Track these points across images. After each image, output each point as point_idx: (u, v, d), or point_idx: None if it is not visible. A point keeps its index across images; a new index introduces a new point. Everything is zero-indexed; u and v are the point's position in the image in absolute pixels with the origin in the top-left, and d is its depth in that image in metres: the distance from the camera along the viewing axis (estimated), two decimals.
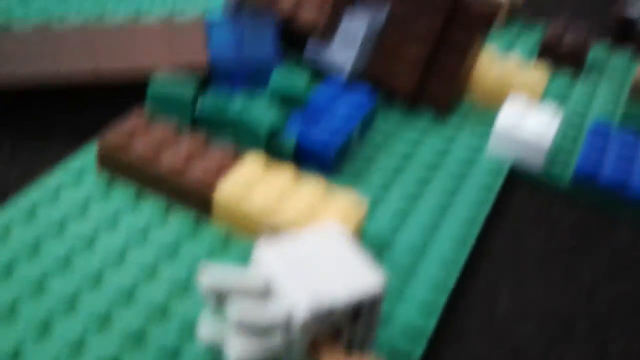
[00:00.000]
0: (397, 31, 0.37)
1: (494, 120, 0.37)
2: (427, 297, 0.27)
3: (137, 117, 0.31)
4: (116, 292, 0.25)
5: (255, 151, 0.31)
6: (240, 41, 0.36)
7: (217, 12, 0.41)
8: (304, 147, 0.32)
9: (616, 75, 0.43)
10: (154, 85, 0.32)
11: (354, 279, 0.23)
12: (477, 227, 0.31)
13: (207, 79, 0.35)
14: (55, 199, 0.29)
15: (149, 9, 0.42)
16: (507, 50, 0.44)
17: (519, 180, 0.35)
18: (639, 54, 0.45)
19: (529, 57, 0.43)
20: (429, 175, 0.33)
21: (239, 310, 0.22)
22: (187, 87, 0.32)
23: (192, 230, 0.28)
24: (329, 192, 0.29)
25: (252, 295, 0.23)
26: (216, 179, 0.29)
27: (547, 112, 0.36)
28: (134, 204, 0.29)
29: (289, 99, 0.33)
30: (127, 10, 0.42)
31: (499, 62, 0.40)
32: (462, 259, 0.30)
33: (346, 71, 0.37)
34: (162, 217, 0.29)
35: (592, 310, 0.29)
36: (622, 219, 0.34)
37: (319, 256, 0.24)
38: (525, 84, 0.38)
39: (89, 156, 0.31)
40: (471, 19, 0.37)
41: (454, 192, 0.33)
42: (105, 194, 0.29)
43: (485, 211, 0.32)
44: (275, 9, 0.37)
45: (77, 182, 0.30)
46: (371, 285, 0.23)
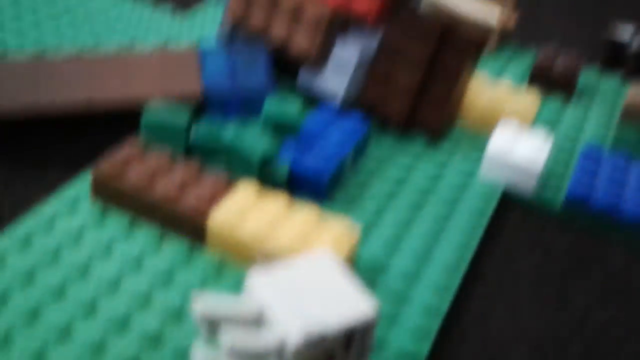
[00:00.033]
0: (389, 58, 0.37)
1: (486, 145, 0.38)
2: (420, 323, 0.28)
3: (131, 146, 0.31)
4: (110, 321, 0.26)
5: (248, 179, 0.31)
6: (233, 70, 0.36)
7: (211, 40, 0.42)
8: (297, 174, 0.32)
9: (607, 99, 0.44)
10: (147, 114, 0.32)
11: (346, 305, 0.23)
12: (470, 251, 0.31)
13: (201, 108, 0.35)
14: (50, 227, 0.29)
15: (144, 37, 0.43)
16: (498, 75, 0.44)
17: (511, 204, 0.35)
18: (629, 77, 0.46)
19: (520, 82, 0.44)
20: (421, 200, 0.34)
21: (232, 338, 0.22)
22: (181, 116, 0.32)
23: (186, 257, 0.28)
24: (322, 219, 0.29)
25: (245, 323, 0.23)
26: (209, 207, 0.29)
27: (539, 136, 0.36)
28: (128, 232, 0.29)
29: (282, 127, 0.33)
30: (122, 39, 0.42)
31: (491, 87, 0.40)
32: (455, 283, 0.30)
33: (339, 98, 0.37)
34: (156, 245, 0.29)
35: (585, 334, 0.29)
36: (614, 242, 0.34)
37: (312, 283, 0.24)
38: (516, 109, 0.39)
39: (83, 185, 0.31)
40: (461, 45, 0.37)
41: (447, 217, 0.33)
42: (99, 223, 0.29)
43: (478, 236, 0.32)
44: (267, 37, 0.38)
45: (71, 211, 0.30)
46: (363, 311, 0.23)
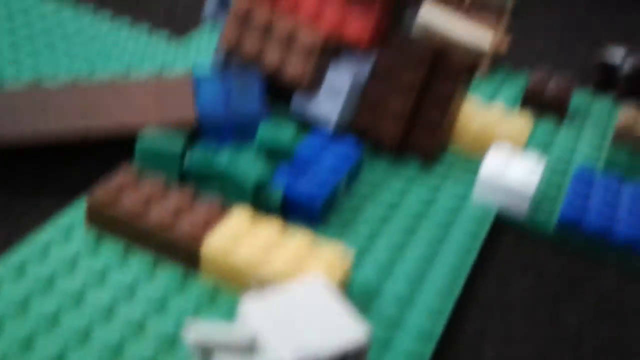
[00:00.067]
0: (381, 83, 0.38)
1: (479, 168, 0.38)
2: (414, 347, 0.28)
3: (126, 173, 0.31)
4: (104, 349, 0.26)
5: (242, 204, 0.32)
6: (227, 96, 0.36)
7: (206, 66, 0.42)
8: (290, 199, 0.32)
9: (599, 121, 0.44)
10: (142, 141, 0.32)
11: (339, 330, 0.23)
12: (464, 275, 0.31)
13: (196, 134, 0.35)
14: (44, 255, 0.29)
15: (140, 64, 0.43)
16: (491, 98, 0.45)
17: (504, 227, 0.35)
18: (621, 99, 0.46)
19: (512, 105, 0.44)
20: (415, 224, 0.34)
21: None
22: (175, 143, 0.32)
23: (180, 284, 0.29)
24: (315, 244, 0.29)
25: (239, 349, 0.23)
26: (203, 233, 0.29)
27: (531, 159, 0.36)
28: (122, 260, 0.29)
29: (275, 152, 0.34)
30: (118, 66, 0.43)
31: (483, 111, 0.40)
32: (448, 307, 0.30)
33: (332, 123, 0.37)
34: (150, 272, 0.29)
35: (578, 356, 0.29)
36: (607, 264, 0.34)
37: (304, 309, 0.24)
38: (508, 132, 0.39)
39: (78, 212, 0.31)
40: (453, 69, 0.37)
41: (440, 240, 0.33)
42: (94, 250, 0.30)
43: (471, 259, 0.32)
44: (261, 63, 0.38)
45: (66, 239, 0.30)
46: (355, 336, 0.23)
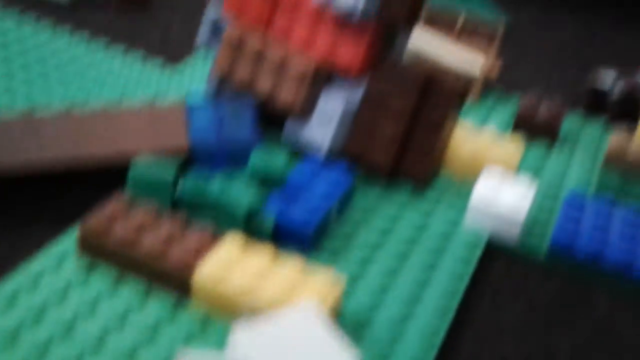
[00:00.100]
0: (373, 109, 0.38)
1: (470, 193, 0.38)
2: None
3: (118, 201, 0.31)
4: None
5: (234, 232, 0.32)
6: (220, 123, 0.37)
7: (199, 94, 0.42)
8: (282, 226, 0.32)
9: (590, 145, 0.44)
10: (134, 168, 0.32)
11: (329, 359, 0.23)
12: (456, 302, 0.31)
13: (188, 161, 0.36)
14: (35, 285, 0.29)
15: (133, 91, 0.43)
16: (482, 123, 0.45)
17: (496, 252, 0.35)
18: (611, 124, 0.46)
19: (504, 129, 0.44)
20: (407, 250, 0.34)
21: None
22: (167, 170, 0.32)
23: (172, 313, 0.29)
24: (307, 271, 0.29)
25: None
26: (195, 261, 0.29)
27: (522, 184, 0.37)
28: (113, 289, 0.29)
29: (267, 179, 0.34)
30: (112, 93, 0.43)
31: (474, 135, 0.40)
32: (441, 334, 0.30)
33: (324, 149, 0.37)
34: (142, 300, 0.29)
35: None
36: (599, 289, 0.34)
37: (295, 338, 0.24)
38: (500, 156, 0.39)
39: (69, 241, 0.31)
40: (444, 95, 0.38)
41: (432, 266, 0.33)
42: (85, 279, 0.30)
43: (463, 285, 0.32)
44: (253, 90, 0.38)
45: (57, 268, 0.30)
46: None
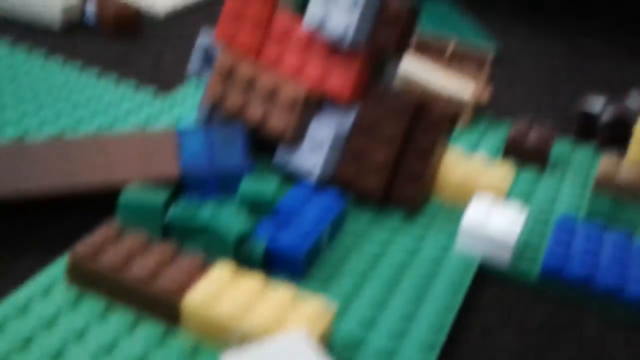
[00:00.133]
0: (364, 135, 0.38)
1: (461, 218, 0.38)
2: None
3: (107, 229, 0.31)
4: None
5: (224, 259, 0.32)
6: (211, 150, 0.37)
7: (191, 121, 0.42)
8: (273, 252, 0.32)
9: (581, 169, 0.44)
10: (124, 195, 0.33)
11: None
12: (447, 327, 0.31)
13: (179, 188, 0.36)
14: (24, 313, 0.29)
15: (125, 119, 0.44)
16: (473, 148, 0.45)
17: (488, 276, 0.35)
18: (602, 148, 0.47)
19: (495, 154, 0.45)
20: (398, 276, 0.34)
21: None
22: (157, 197, 0.32)
23: (160, 341, 0.28)
24: (298, 298, 0.29)
25: None
26: (184, 288, 0.29)
27: (513, 209, 0.37)
28: (103, 317, 0.29)
29: (258, 206, 0.34)
30: (104, 121, 0.43)
31: (465, 161, 0.41)
32: (432, 359, 0.30)
33: (315, 175, 0.37)
34: (131, 328, 0.29)
35: None
36: (590, 312, 0.34)
37: None
38: (490, 181, 0.39)
39: (59, 269, 0.31)
40: (434, 120, 0.38)
41: (423, 292, 0.33)
42: (74, 307, 0.29)
43: (454, 309, 0.32)
44: (245, 117, 0.39)
45: (46, 296, 0.30)
46: None
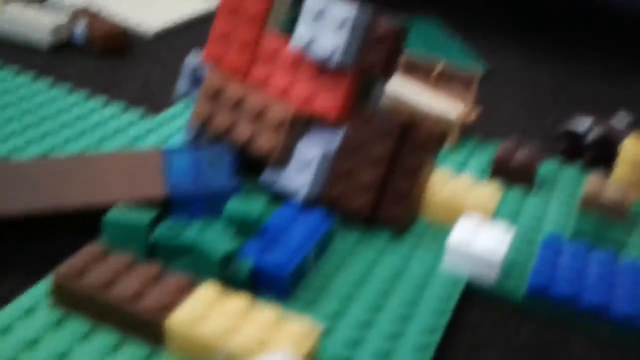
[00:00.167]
0: (351, 155, 0.38)
1: (448, 237, 0.38)
2: None
3: (92, 250, 0.31)
4: None
5: (210, 279, 0.31)
6: (197, 170, 0.37)
7: (178, 141, 0.42)
8: (259, 270, 0.32)
9: (567, 189, 0.44)
10: (110, 215, 0.32)
11: None
12: (433, 345, 0.31)
13: (165, 208, 0.36)
14: (7, 334, 0.29)
15: (112, 139, 0.44)
16: (461, 168, 0.45)
17: (474, 295, 0.35)
18: (588, 168, 0.47)
19: (482, 174, 0.45)
20: (384, 298, 0.34)
21: None
22: (142, 216, 0.32)
23: None
24: (283, 319, 0.29)
25: None
26: (169, 308, 0.29)
27: (500, 228, 0.37)
28: (86, 338, 0.29)
29: (244, 226, 0.34)
30: (89, 141, 0.43)
31: (452, 180, 0.41)
32: None
33: (303, 195, 0.37)
34: (114, 350, 0.28)
35: None
36: (576, 330, 0.34)
37: None
38: (477, 201, 0.39)
39: (43, 290, 0.31)
40: (421, 140, 0.38)
41: (410, 311, 0.33)
42: (57, 329, 0.29)
43: (441, 329, 0.32)
44: (232, 137, 0.39)
45: (29, 317, 0.30)
46: None
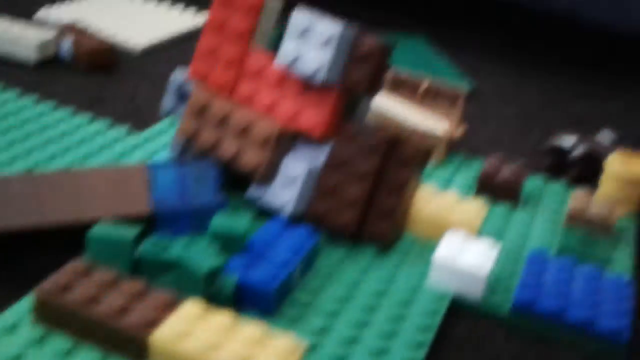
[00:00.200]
0: (337, 171, 0.38)
1: (434, 254, 0.38)
2: None
3: (75, 266, 0.31)
4: None
5: (194, 296, 0.31)
6: (183, 186, 0.37)
7: (164, 157, 0.42)
8: (244, 287, 0.32)
9: (552, 205, 0.45)
10: (94, 231, 0.32)
11: None
12: None
13: (150, 224, 0.35)
14: None
15: (97, 156, 0.43)
16: (446, 184, 0.45)
17: (460, 311, 0.35)
18: (573, 185, 0.47)
19: (467, 191, 0.45)
20: (370, 312, 0.34)
21: None
22: (126, 232, 0.32)
23: None
24: (268, 335, 0.29)
25: None
26: (153, 324, 0.29)
27: (485, 244, 0.37)
28: (68, 355, 0.29)
29: (230, 241, 0.34)
30: (75, 157, 0.43)
31: (438, 197, 0.41)
32: None
33: (288, 211, 0.37)
34: None
35: None
36: (561, 345, 0.34)
37: None
38: (463, 217, 0.39)
39: (25, 307, 0.31)
40: (407, 156, 0.38)
41: (395, 328, 0.33)
42: (40, 346, 0.29)
43: (426, 345, 0.32)
44: (218, 154, 0.39)
45: (11, 334, 0.29)
46: None
